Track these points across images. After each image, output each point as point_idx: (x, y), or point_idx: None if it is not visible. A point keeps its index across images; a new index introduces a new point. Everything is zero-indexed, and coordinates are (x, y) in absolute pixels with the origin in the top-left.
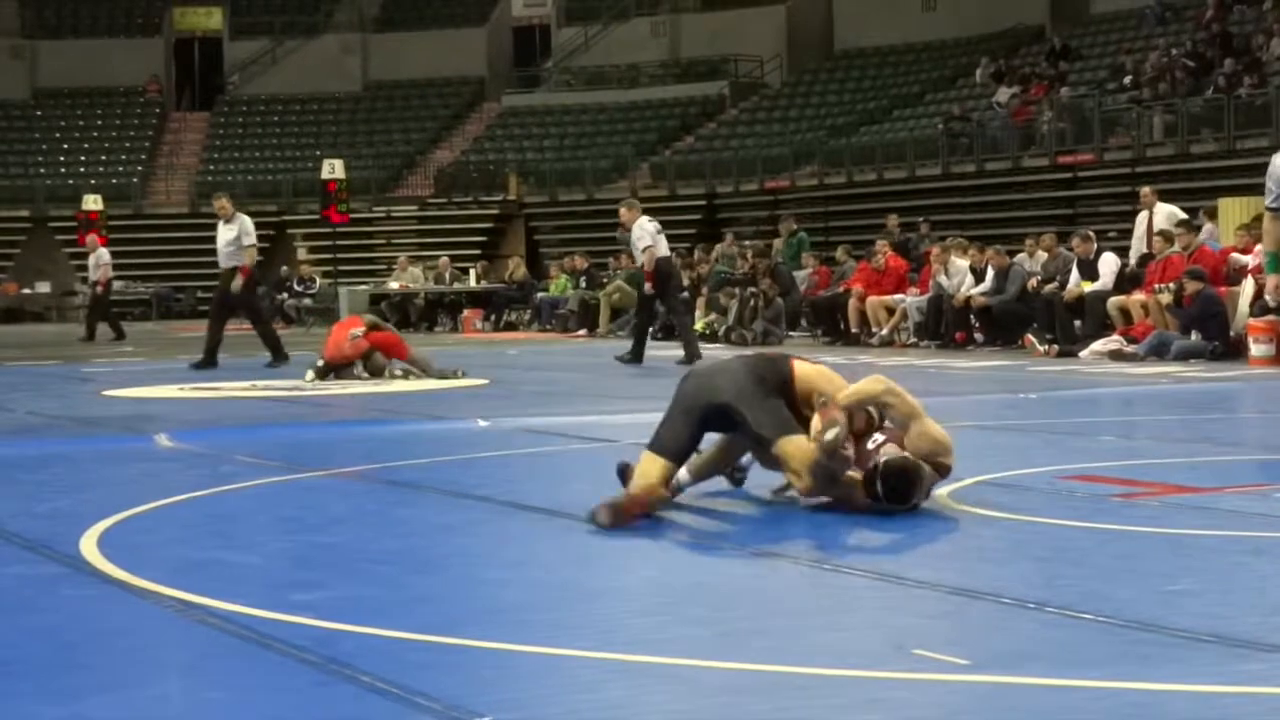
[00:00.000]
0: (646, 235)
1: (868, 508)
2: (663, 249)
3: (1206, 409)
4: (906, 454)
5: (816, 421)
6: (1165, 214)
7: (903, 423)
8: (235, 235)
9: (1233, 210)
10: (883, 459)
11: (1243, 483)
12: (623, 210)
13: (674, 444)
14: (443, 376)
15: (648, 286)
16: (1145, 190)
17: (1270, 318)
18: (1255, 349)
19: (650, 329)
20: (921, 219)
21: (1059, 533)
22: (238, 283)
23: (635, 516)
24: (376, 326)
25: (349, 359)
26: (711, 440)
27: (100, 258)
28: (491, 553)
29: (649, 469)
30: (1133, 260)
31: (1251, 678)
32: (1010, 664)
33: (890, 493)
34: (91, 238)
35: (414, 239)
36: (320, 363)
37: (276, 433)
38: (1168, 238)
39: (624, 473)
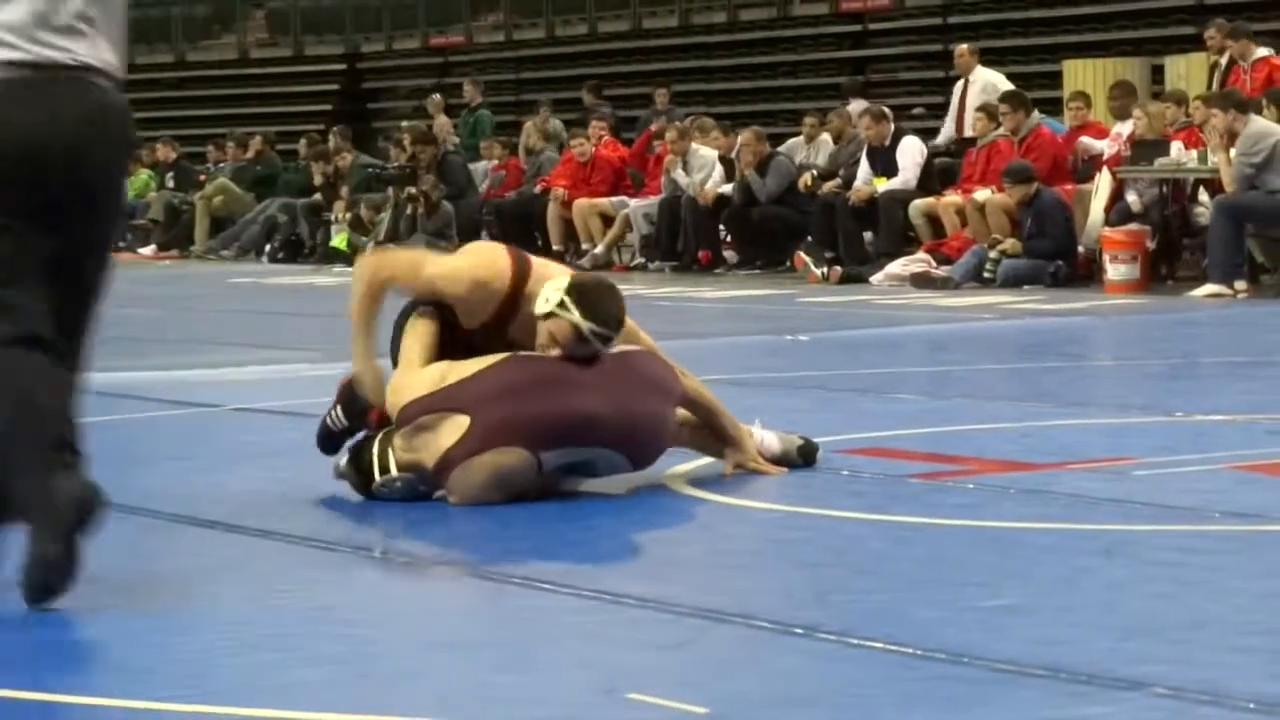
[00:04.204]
0: None
1: None
2: None
3: (1044, 354)
4: None
5: None
6: (983, 84)
7: None
8: None
9: (1081, 76)
10: None
11: (1090, 456)
12: None
13: None
14: None
15: None
16: (962, 48)
17: (1133, 227)
18: (1113, 271)
19: None
20: (659, 89)
21: (838, 528)
22: None
23: None
24: None
25: None
26: None
27: None
28: None
29: None
30: (940, 144)
31: None
32: (763, 711)
33: None
34: None
35: None
36: None
37: None
38: (991, 114)
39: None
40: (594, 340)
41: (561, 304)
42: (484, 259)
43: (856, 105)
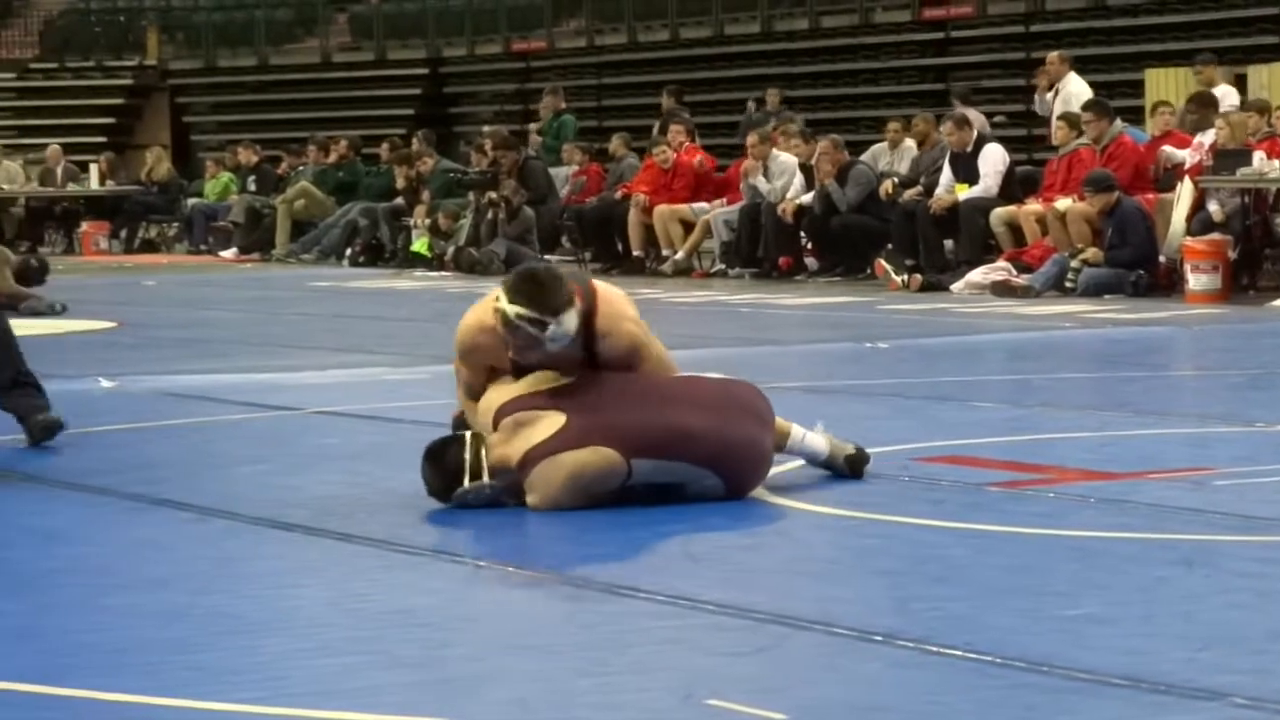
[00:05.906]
0: None
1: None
2: None
3: (1125, 363)
4: None
5: None
6: (1065, 95)
7: None
8: None
9: (1163, 84)
10: None
11: (1171, 466)
12: None
13: None
14: (36, 313)
15: None
16: (1052, 56)
17: (1215, 236)
18: (1194, 280)
19: None
20: (758, 94)
21: (916, 536)
22: None
23: None
24: None
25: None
26: None
27: None
28: (114, 568)
29: None
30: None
31: None
32: (842, 718)
33: None
34: None
35: (10, 121)
36: None
37: None
38: (1072, 123)
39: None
40: (523, 325)
41: (497, 298)
42: None
43: (964, 110)
